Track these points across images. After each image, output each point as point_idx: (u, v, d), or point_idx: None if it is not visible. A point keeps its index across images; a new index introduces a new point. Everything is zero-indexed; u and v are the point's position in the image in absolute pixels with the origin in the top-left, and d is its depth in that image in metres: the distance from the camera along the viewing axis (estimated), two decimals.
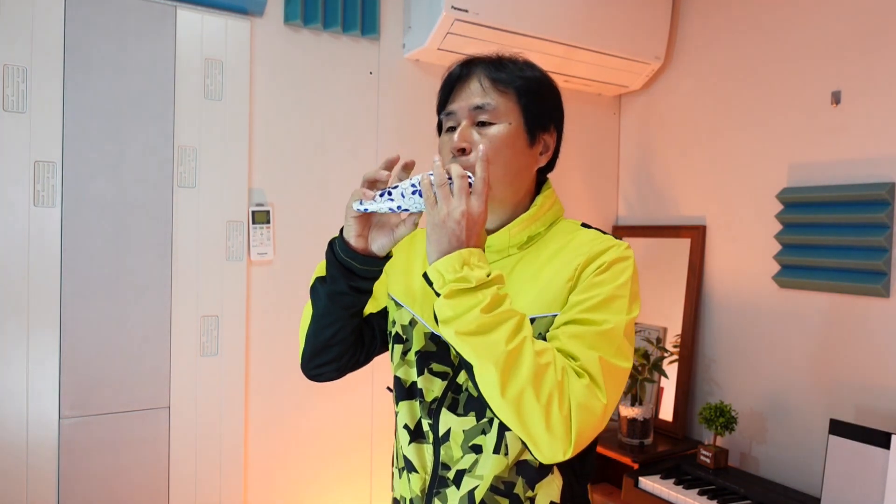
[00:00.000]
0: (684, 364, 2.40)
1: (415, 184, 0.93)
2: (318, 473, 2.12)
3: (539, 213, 1.06)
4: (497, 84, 1.03)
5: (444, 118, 1.07)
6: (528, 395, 0.85)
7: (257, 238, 1.99)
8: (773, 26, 2.23)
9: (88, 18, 1.74)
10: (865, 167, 1.96)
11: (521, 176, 1.05)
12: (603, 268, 0.97)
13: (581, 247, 1.01)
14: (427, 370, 1.04)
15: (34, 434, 1.68)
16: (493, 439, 0.98)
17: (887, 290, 1.88)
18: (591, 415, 0.88)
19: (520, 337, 0.87)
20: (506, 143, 1.01)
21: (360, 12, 2.12)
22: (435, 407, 1.02)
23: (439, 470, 1.02)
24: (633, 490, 2.09)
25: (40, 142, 1.68)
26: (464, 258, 0.87)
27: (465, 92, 1.04)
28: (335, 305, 1.04)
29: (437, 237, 0.89)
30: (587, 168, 2.74)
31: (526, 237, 1.05)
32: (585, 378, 0.89)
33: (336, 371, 1.14)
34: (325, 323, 1.06)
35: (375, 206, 0.95)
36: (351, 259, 1.00)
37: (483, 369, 0.86)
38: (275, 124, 2.03)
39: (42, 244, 1.69)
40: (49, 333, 1.69)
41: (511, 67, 1.05)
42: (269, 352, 2.03)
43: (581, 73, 2.46)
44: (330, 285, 1.03)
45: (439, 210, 0.89)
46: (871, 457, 1.74)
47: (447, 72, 1.08)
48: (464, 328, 0.86)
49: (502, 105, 1.02)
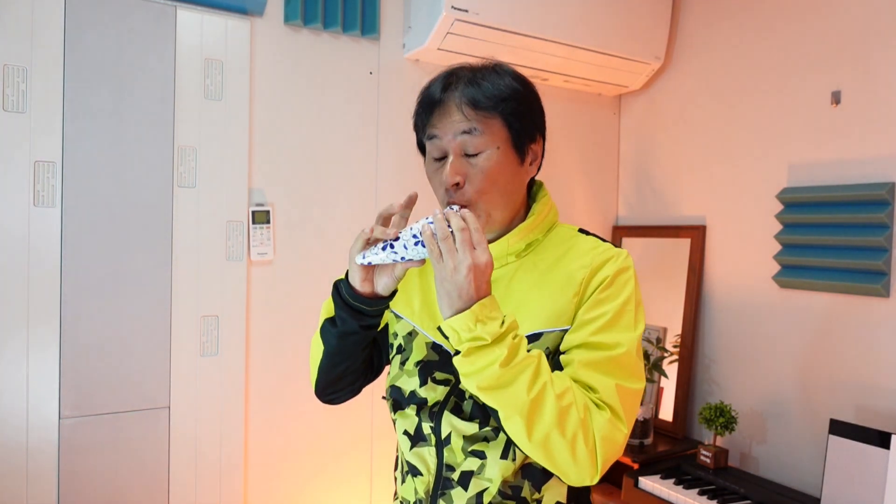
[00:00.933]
0: (684, 364, 2.40)
1: (416, 234, 0.94)
2: (318, 473, 2.12)
3: (536, 221, 1.07)
4: (479, 110, 1.00)
5: (428, 143, 1.05)
6: (555, 437, 0.89)
7: (257, 238, 1.99)
8: (774, 26, 2.23)
9: (88, 18, 1.74)
10: (865, 167, 1.96)
11: (516, 194, 1.05)
12: (607, 282, 0.99)
13: (582, 257, 1.02)
14: (430, 379, 1.05)
15: (34, 434, 1.67)
16: (498, 447, 0.99)
17: (887, 290, 1.88)
18: (614, 444, 0.93)
19: (540, 383, 0.89)
20: (498, 170, 1.01)
21: (360, 12, 2.12)
22: (437, 410, 1.03)
23: (443, 471, 1.02)
24: (633, 490, 2.09)
25: (40, 142, 1.68)
26: (476, 315, 0.88)
27: (447, 118, 1.01)
28: (346, 344, 1.06)
29: (447, 292, 0.90)
30: (587, 168, 2.74)
31: (524, 245, 1.06)
32: (606, 412, 0.93)
33: (351, 394, 1.18)
34: (337, 360, 1.09)
35: (378, 258, 0.96)
36: (360, 303, 1.01)
37: (508, 419, 0.90)
38: (275, 124, 2.03)
39: (42, 244, 1.69)
40: (49, 333, 1.69)
41: (489, 86, 1.01)
42: (269, 352, 2.03)
43: (581, 73, 2.46)
44: (340, 327, 1.04)
45: (445, 265, 0.89)
46: (871, 457, 1.74)
47: (424, 93, 1.05)
48: (485, 384, 0.89)
49: (487, 130, 1.00)
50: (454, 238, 0.90)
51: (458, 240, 0.90)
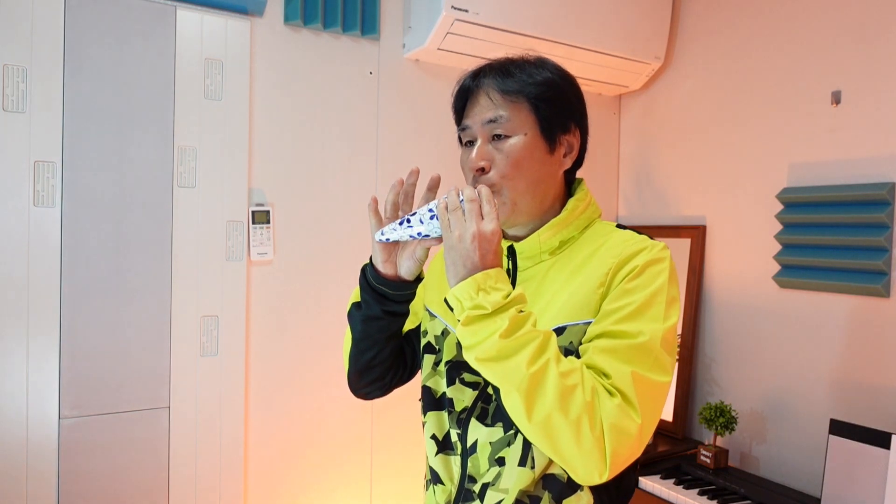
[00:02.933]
0: (684, 364, 2.40)
1: (432, 208, 0.94)
2: (318, 474, 2.12)
3: (570, 217, 1.03)
4: (507, 95, 1.00)
5: (461, 133, 1.06)
6: (557, 419, 0.83)
7: (257, 238, 1.99)
8: (773, 26, 2.23)
9: (88, 18, 1.74)
10: (865, 167, 1.96)
11: (545, 184, 1.03)
12: (636, 272, 0.93)
13: (613, 248, 0.97)
14: (458, 380, 1.03)
15: (34, 434, 1.67)
16: (517, 451, 0.95)
17: (887, 290, 1.88)
18: (625, 436, 0.85)
19: (543, 360, 0.84)
20: (524, 155, 0.99)
21: (360, 12, 2.12)
22: (465, 417, 1.01)
23: (465, 483, 1.00)
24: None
25: (40, 142, 1.68)
26: (478, 283, 0.86)
27: (477, 106, 1.02)
28: (371, 329, 1.05)
29: (452, 261, 0.89)
30: (587, 168, 2.71)
31: (558, 242, 1.02)
32: (617, 397, 0.86)
33: (381, 389, 1.16)
34: (363, 347, 1.08)
35: (396, 234, 0.97)
36: (382, 285, 1.01)
37: (507, 394, 0.86)
38: (275, 124, 2.03)
39: (42, 244, 1.69)
40: (49, 333, 1.69)
41: (519, 74, 1.01)
42: (269, 352, 2.03)
43: (581, 73, 2.46)
44: (365, 311, 1.04)
45: (452, 233, 0.90)
46: (871, 457, 1.74)
47: (458, 84, 1.06)
48: (484, 354, 0.85)
49: (515, 116, 1.00)
50: (463, 209, 0.90)
51: (466, 209, 0.90)
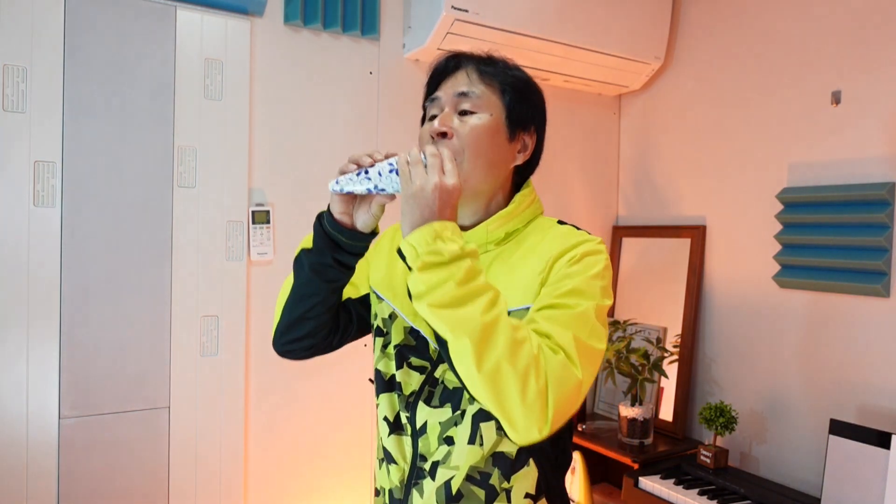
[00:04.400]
0: (684, 364, 2.40)
1: (392, 163, 0.94)
2: (318, 474, 2.12)
3: (517, 210, 1.07)
4: (484, 76, 1.05)
5: (429, 105, 1.08)
6: (505, 368, 0.83)
7: (257, 238, 1.99)
8: (774, 26, 2.23)
9: (88, 18, 1.74)
10: (865, 167, 1.96)
11: (497, 168, 1.05)
12: (575, 259, 0.97)
13: (554, 241, 1.02)
14: (406, 364, 1.06)
15: (34, 434, 1.68)
16: (466, 430, 0.98)
17: (887, 290, 1.88)
18: (567, 389, 0.86)
19: (496, 310, 0.86)
20: (485, 132, 1.02)
21: (360, 12, 2.12)
22: (412, 400, 1.04)
23: (417, 461, 1.04)
24: (633, 490, 2.09)
25: (40, 142, 1.68)
26: (436, 231, 0.87)
27: (452, 80, 1.06)
28: (318, 277, 1.05)
29: (410, 209, 0.89)
30: (587, 168, 2.74)
31: (503, 234, 1.06)
32: (561, 354, 0.88)
33: (307, 350, 1.15)
34: (304, 293, 1.08)
35: (352, 185, 0.96)
36: (337, 232, 1.01)
37: (458, 343, 0.84)
38: (275, 124, 2.03)
39: (42, 244, 1.69)
40: (49, 333, 1.69)
41: (500, 64, 1.07)
42: (269, 352, 2.00)
43: (581, 73, 2.46)
44: (315, 256, 1.04)
45: (413, 184, 0.90)
46: (871, 457, 1.74)
47: (433, 64, 1.09)
48: (437, 301, 0.85)
49: (486, 96, 1.04)
50: (425, 163, 0.91)
51: (428, 163, 0.91)
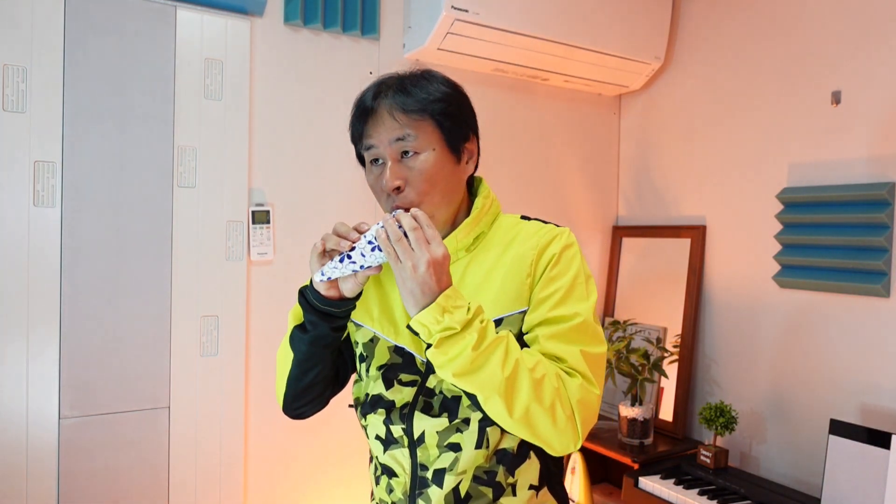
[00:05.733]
0: (684, 364, 2.40)
1: (371, 241, 0.95)
2: (318, 473, 2.12)
3: (480, 215, 1.10)
4: (411, 114, 1.03)
5: (366, 153, 1.09)
6: (534, 408, 0.92)
7: (257, 238, 1.99)
8: (774, 26, 2.23)
9: (88, 18, 1.74)
10: (865, 167, 1.96)
11: (455, 193, 1.08)
12: (555, 260, 1.04)
13: (528, 240, 1.06)
14: (396, 381, 1.07)
15: (34, 434, 1.68)
16: (472, 436, 1.01)
17: (887, 290, 1.88)
18: (589, 407, 0.98)
19: (512, 360, 0.92)
20: (436, 170, 1.03)
21: (360, 12, 2.12)
22: (407, 412, 1.05)
23: (418, 471, 1.05)
24: (633, 490, 2.09)
25: (40, 142, 1.68)
26: (442, 307, 0.90)
27: (381, 126, 1.04)
28: (317, 348, 1.07)
29: (410, 290, 0.91)
30: (587, 168, 2.74)
31: (472, 239, 1.09)
32: (578, 377, 0.98)
33: (319, 405, 1.18)
34: (308, 367, 1.09)
35: (337, 272, 0.97)
36: (328, 307, 1.02)
37: (488, 399, 0.92)
38: (275, 124, 2.03)
39: (42, 244, 1.69)
40: (49, 333, 1.69)
41: (418, 91, 1.05)
42: (269, 352, 2.03)
43: (581, 73, 2.46)
44: (311, 332, 1.05)
45: (405, 265, 0.91)
46: (871, 457, 1.74)
47: (356, 104, 1.09)
48: (459, 370, 0.91)
49: (421, 134, 1.03)
50: (408, 239, 0.92)
51: (412, 239, 0.92)
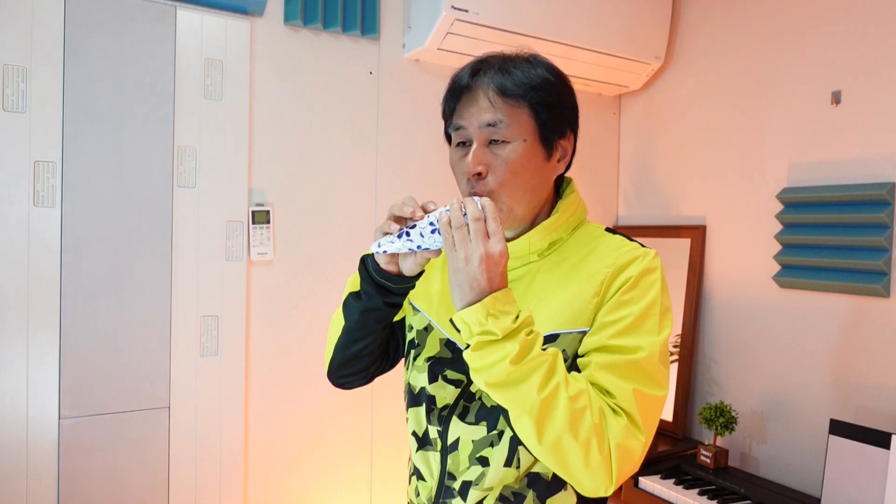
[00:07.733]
0: (684, 364, 2.40)
1: (433, 222, 0.90)
2: (318, 474, 2.12)
3: (560, 219, 1.03)
4: (507, 98, 0.97)
5: (453, 132, 1.02)
6: (566, 440, 0.84)
7: (257, 238, 1.99)
8: (774, 26, 2.23)
9: (88, 18, 1.74)
10: (865, 167, 1.96)
11: (539, 189, 1.02)
12: (631, 283, 0.94)
13: (606, 256, 0.97)
14: (441, 377, 1.02)
15: (34, 434, 1.67)
16: (502, 452, 0.95)
17: (887, 290, 1.88)
18: (630, 454, 0.87)
19: (553, 384, 0.85)
20: (522, 162, 0.97)
21: (360, 12, 2.12)
22: (446, 414, 1.01)
23: (445, 479, 1.00)
24: (632, 490, 2.09)
25: (40, 142, 1.68)
26: (487, 308, 0.84)
27: (474, 106, 0.98)
28: (369, 320, 1.03)
29: (459, 283, 0.86)
30: (587, 168, 2.74)
31: (547, 244, 1.02)
32: (623, 418, 0.87)
33: (363, 379, 1.14)
34: (357, 336, 1.05)
35: (394, 247, 0.93)
36: (385, 279, 0.98)
37: (517, 418, 0.86)
38: (275, 124, 2.03)
39: (42, 244, 1.69)
40: (49, 333, 1.69)
41: (519, 74, 0.98)
42: (269, 352, 2.03)
43: (581, 73, 2.46)
44: (365, 302, 1.01)
45: (458, 254, 0.86)
46: (871, 457, 1.74)
47: (453, 79, 1.03)
48: (493, 379, 0.85)
49: (514, 121, 0.97)
50: (469, 227, 0.86)
51: (472, 229, 0.86)
